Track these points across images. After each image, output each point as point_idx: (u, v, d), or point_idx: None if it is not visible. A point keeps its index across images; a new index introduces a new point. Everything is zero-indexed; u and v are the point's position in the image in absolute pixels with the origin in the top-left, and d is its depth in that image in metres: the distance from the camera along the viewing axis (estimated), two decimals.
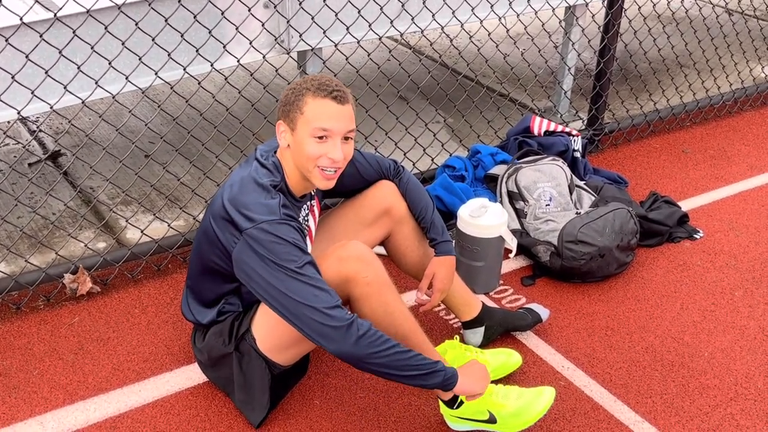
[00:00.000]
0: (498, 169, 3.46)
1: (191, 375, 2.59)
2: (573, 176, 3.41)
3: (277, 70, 3.43)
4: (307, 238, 2.42)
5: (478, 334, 2.72)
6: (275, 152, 2.30)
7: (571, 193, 3.32)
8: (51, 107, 2.84)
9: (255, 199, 2.13)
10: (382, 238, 2.60)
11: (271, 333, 2.25)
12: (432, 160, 3.75)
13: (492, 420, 2.33)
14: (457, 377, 2.20)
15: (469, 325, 2.72)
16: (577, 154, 3.69)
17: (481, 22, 3.81)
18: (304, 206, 2.37)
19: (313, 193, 2.41)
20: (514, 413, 2.32)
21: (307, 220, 2.40)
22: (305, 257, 2.10)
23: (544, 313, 2.83)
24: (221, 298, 2.36)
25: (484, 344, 2.73)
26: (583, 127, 4.19)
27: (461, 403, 2.32)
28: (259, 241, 2.08)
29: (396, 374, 2.11)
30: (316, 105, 2.14)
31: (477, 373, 2.29)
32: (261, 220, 2.09)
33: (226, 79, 3.23)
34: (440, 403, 2.40)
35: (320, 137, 2.15)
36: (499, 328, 2.74)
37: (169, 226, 3.23)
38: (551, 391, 2.37)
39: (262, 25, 3.21)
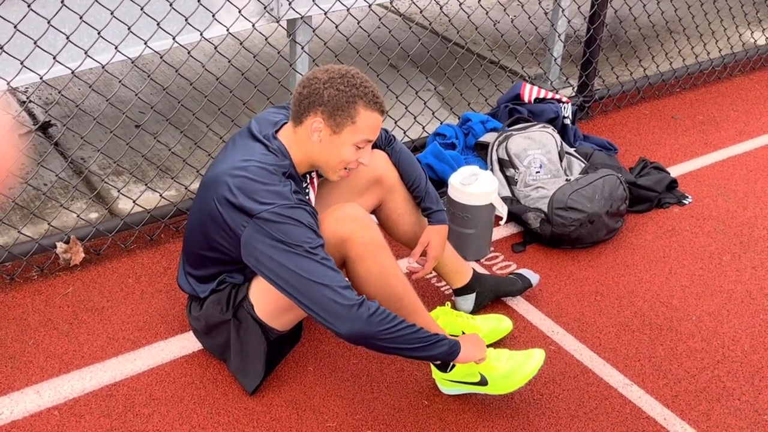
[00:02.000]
0: (488, 137, 3.47)
1: (186, 343, 2.62)
2: (563, 143, 3.42)
3: (266, 39, 3.42)
4: (313, 197, 2.45)
5: (469, 300, 2.75)
6: (276, 132, 2.29)
7: (561, 160, 3.34)
8: (40, 78, 2.83)
9: (266, 186, 2.14)
10: (373, 206, 2.62)
11: (269, 298, 2.27)
12: (423, 128, 3.75)
13: (483, 382, 2.37)
14: (460, 346, 2.25)
15: (460, 292, 2.75)
16: (567, 121, 3.70)
17: None
18: (306, 178, 2.40)
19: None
20: (504, 375, 2.36)
21: (308, 192, 2.42)
22: (319, 239, 2.13)
23: (534, 278, 2.86)
24: (222, 273, 2.38)
25: (475, 310, 2.76)
26: (573, 94, 4.20)
27: (453, 365, 2.35)
28: (272, 222, 2.10)
29: (404, 348, 2.16)
30: (368, 117, 2.19)
31: (474, 341, 2.34)
32: (275, 204, 2.11)
33: (215, 48, 3.22)
34: (432, 367, 2.43)
35: (361, 146, 2.22)
36: (489, 294, 2.77)
37: (161, 196, 3.23)
38: (541, 352, 2.40)
39: None
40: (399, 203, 2.63)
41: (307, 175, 2.41)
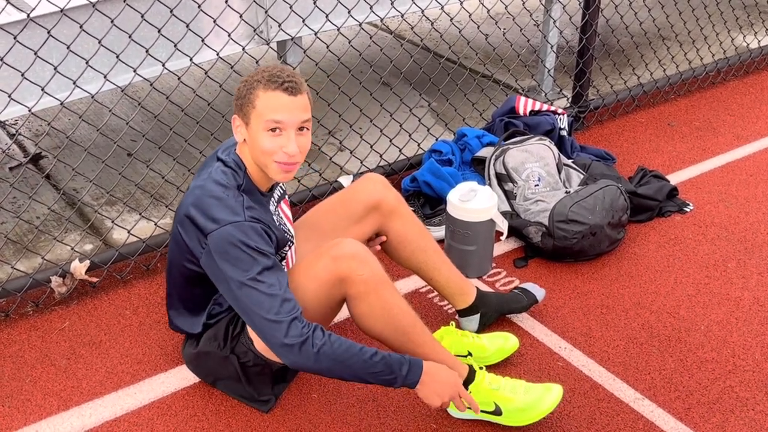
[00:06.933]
0: (485, 152, 3.44)
1: (186, 374, 2.56)
2: (560, 155, 3.39)
3: (257, 62, 3.39)
4: (288, 223, 2.40)
5: (473, 321, 2.69)
6: (236, 149, 2.26)
7: (559, 172, 3.30)
8: (29, 110, 2.79)
9: (218, 201, 2.11)
10: (372, 233, 2.58)
11: None
12: (418, 145, 3.71)
13: (497, 412, 2.33)
14: (416, 382, 2.16)
15: (464, 312, 2.69)
16: (564, 133, 3.66)
17: (461, 3, 3.78)
18: (272, 198, 2.34)
19: (282, 186, 2.41)
20: (521, 408, 2.32)
21: (272, 207, 2.37)
22: (266, 261, 2.08)
23: (539, 293, 2.80)
24: (209, 301, 2.34)
25: (480, 330, 2.71)
26: (568, 105, 4.17)
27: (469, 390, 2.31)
28: (221, 244, 2.07)
29: (357, 380, 2.15)
30: (267, 98, 2.11)
31: (440, 383, 2.20)
32: (224, 222, 2.08)
33: (206, 73, 3.19)
34: None
35: (273, 129, 2.11)
36: (494, 314, 2.72)
37: (155, 224, 3.19)
38: (559, 388, 2.36)
39: (240, 16, 3.17)
40: (398, 230, 2.58)
41: (275, 194, 2.36)
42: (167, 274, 2.38)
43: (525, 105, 3.69)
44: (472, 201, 2.91)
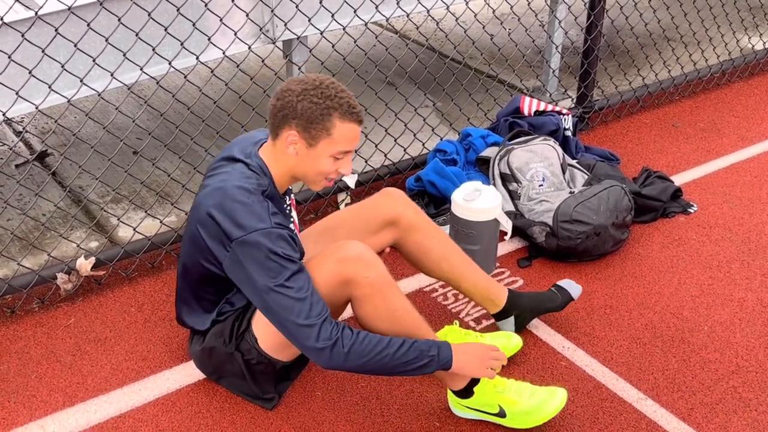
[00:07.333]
0: (490, 152, 3.44)
1: (191, 372, 2.57)
2: (565, 155, 3.39)
3: (263, 60, 3.40)
4: (295, 230, 2.41)
5: (509, 324, 2.68)
6: (258, 149, 2.25)
7: (563, 173, 3.31)
8: (36, 107, 2.80)
9: (244, 207, 2.10)
10: (387, 244, 2.57)
11: (272, 332, 2.22)
12: (423, 144, 3.72)
13: (501, 414, 2.34)
14: (450, 361, 2.20)
15: (498, 316, 2.68)
16: (568, 133, 3.67)
17: (467, 3, 3.78)
18: (286, 198, 2.36)
19: (290, 187, 2.41)
20: (525, 411, 2.33)
21: (290, 212, 2.39)
22: (293, 267, 2.08)
23: (575, 290, 2.74)
24: (221, 300, 2.35)
25: (518, 331, 2.69)
26: (573, 105, 4.17)
27: (472, 393, 2.32)
28: (249, 251, 2.07)
29: (391, 372, 2.16)
30: (345, 129, 2.13)
31: (471, 354, 2.25)
32: (251, 229, 2.07)
33: (212, 71, 3.20)
34: (448, 391, 2.39)
35: (339, 157, 2.17)
36: (530, 315, 2.69)
37: (161, 222, 3.20)
38: (564, 392, 2.36)
39: (246, 15, 3.18)
40: (419, 242, 2.56)
41: (287, 197, 2.37)
42: (180, 270, 2.38)
43: (530, 105, 3.69)
44: (477, 201, 2.92)
